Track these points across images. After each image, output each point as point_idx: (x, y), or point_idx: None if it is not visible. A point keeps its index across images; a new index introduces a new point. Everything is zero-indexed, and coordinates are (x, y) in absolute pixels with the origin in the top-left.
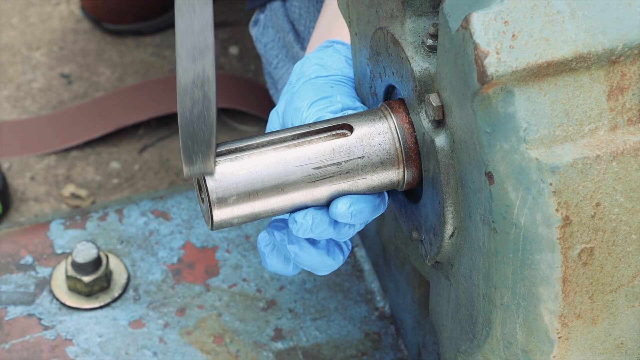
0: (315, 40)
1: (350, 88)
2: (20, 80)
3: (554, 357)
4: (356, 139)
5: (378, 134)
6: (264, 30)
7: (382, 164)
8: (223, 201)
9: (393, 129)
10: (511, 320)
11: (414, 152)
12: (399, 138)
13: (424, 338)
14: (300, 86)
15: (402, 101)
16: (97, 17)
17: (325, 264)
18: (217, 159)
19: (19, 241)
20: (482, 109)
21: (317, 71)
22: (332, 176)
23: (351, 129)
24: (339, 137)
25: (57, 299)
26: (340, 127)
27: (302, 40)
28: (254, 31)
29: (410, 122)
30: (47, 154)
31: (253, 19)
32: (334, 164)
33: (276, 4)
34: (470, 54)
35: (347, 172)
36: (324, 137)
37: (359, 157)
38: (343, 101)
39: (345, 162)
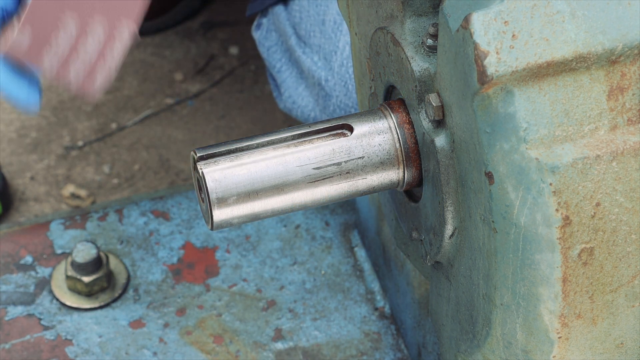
0: None
1: None
2: None
3: (554, 357)
4: (356, 139)
5: (378, 134)
6: (267, 34)
7: (382, 164)
8: (223, 201)
9: (393, 129)
10: (511, 320)
11: (414, 152)
12: (399, 138)
13: (424, 338)
14: None
15: (402, 101)
16: None
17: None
18: (217, 159)
19: (19, 241)
20: (482, 109)
21: None
22: (332, 176)
23: (351, 129)
24: (339, 137)
25: (57, 299)
26: (340, 127)
27: (303, 44)
28: (257, 35)
29: (410, 122)
30: None
31: (256, 22)
32: (334, 164)
33: (278, 8)
34: (470, 54)
35: (347, 173)
36: (324, 137)
37: (359, 158)
38: None
39: (345, 162)
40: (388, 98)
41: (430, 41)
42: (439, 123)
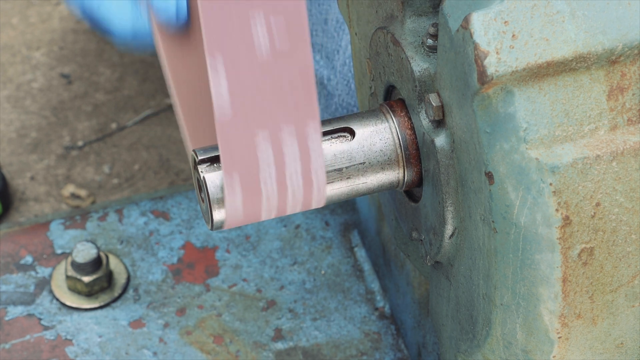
0: None
1: None
2: (20, 80)
3: (554, 357)
4: (357, 144)
5: (379, 137)
6: None
7: (382, 167)
8: (223, 202)
9: (394, 130)
10: (511, 320)
11: (414, 153)
12: (399, 140)
13: (424, 338)
14: None
15: (402, 101)
16: None
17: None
18: (218, 160)
19: (19, 241)
20: (482, 109)
21: None
22: (332, 182)
23: (352, 133)
24: (340, 142)
25: (57, 299)
26: (341, 130)
27: None
28: None
29: (411, 123)
30: None
31: None
32: (335, 169)
33: None
34: (470, 54)
35: (347, 178)
36: (325, 141)
37: (360, 163)
38: None
39: (347, 168)
40: (388, 98)
41: (430, 41)
42: (439, 123)
